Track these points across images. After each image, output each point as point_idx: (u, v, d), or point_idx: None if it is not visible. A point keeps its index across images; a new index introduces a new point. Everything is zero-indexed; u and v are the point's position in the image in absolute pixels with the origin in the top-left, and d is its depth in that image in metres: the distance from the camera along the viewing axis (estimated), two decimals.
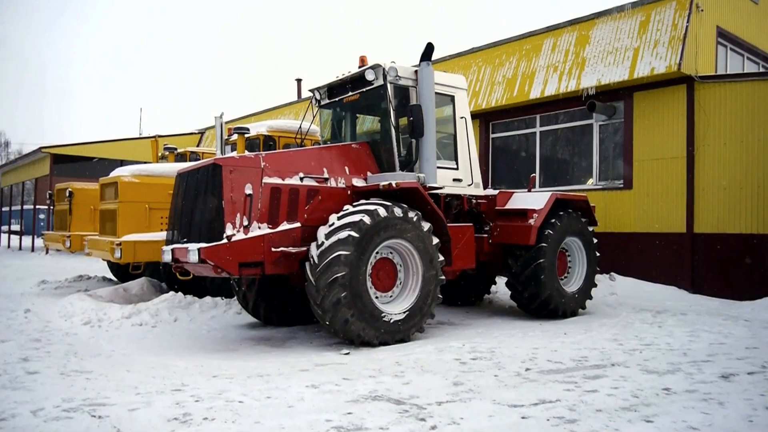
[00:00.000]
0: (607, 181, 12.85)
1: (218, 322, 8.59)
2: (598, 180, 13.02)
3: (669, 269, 11.58)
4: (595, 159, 13.06)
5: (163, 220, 9.50)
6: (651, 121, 11.97)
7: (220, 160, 6.69)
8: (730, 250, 10.87)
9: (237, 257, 6.47)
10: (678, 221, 11.53)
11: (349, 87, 8.38)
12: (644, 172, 12.06)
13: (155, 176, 9.49)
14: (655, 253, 11.82)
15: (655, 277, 11.70)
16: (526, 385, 5.03)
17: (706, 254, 11.17)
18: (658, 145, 11.87)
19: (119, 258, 8.83)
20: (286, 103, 24.40)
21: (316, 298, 6.65)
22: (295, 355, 6.52)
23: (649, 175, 11.99)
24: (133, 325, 8.10)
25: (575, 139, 13.66)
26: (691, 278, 11.31)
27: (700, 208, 11.29)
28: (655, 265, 11.76)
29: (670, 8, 11.76)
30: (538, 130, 14.23)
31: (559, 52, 13.59)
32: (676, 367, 5.72)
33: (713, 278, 11.06)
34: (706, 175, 11.20)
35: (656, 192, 11.86)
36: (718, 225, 11.04)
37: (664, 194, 11.75)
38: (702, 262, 11.22)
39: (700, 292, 11.17)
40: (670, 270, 11.56)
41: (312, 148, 7.87)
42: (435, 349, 6.58)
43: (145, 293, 10.59)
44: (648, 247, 11.91)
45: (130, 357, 6.36)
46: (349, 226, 6.66)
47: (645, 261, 11.89)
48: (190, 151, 13.21)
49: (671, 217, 11.63)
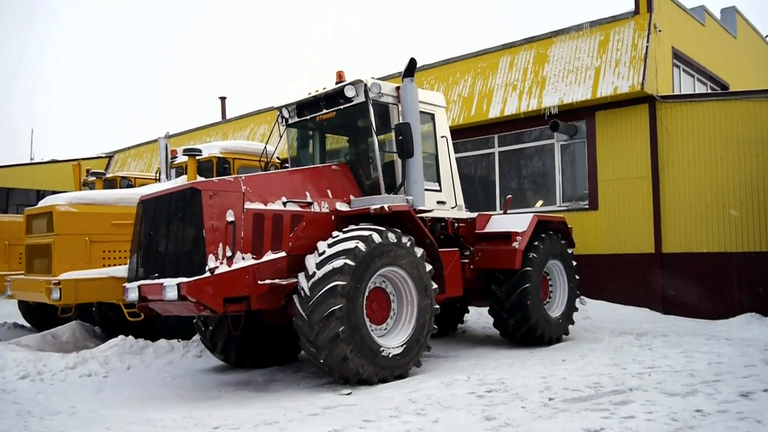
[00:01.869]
0: (572, 202, 13.45)
1: (178, 367, 8.21)
2: (562, 201, 13.59)
3: (639, 291, 12.20)
4: (558, 179, 13.65)
5: (106, 254, 9.02)
6: (614, 140, 12.70)
7: (198, 185, 6.49)
8: (699, 270, 11.61)
9: (221, 292, 6.26)
10: (646, 241, 12.21)
11: (324, 104, 8.37)
12: (609, 192, 12.73)
13: (96, 204, 9.00)
14: (623, 274, 12.43)
15: (625, 299, 12.29)
16: (561, 415, 5.14)
17: (675, 274, 11.87)
18: (622, 165, 12.58)
19: (58, 299, 8.27)
20: (209, 124, 23.90)
21: (308, 335, 6.51)
22: (289, 399, 6.33)
23: (614, 195, 12.66)
24: (81, 376, 7.59)
25: (535, 159, 14.23)
26: (662, 299, 11.97)
27: (667, 227, 12.02)
28: (624, 286, 12.36)
29: (629, 28, 12.62)
30: (496, 150, 14.72)
31: (517, 71, 14.20)
32: (693, 389, 6.03)
33: (683, 298, 11.75)
34: (672, 195, 11.97)
35: (622, 212, 12.53)
36: (686, 244, 11.79)
37: (630, 214, 12.43)
38: (671, 283, 11.91)
39: (670, 312, 11.83)
40: (640, 291, 12.18)
41: (292, 170, 7.78)
42: (440, 383, 6.59)
43: (77, 339, 9.97)
44: (616, 268, 12.51)
45: (97, 413, 5.96)
46: (344, 254, 6.61)
47: (614, 283, 12.47)
48: (120, 176, 12.67)
49: (639, 238, 12.30)
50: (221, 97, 26.01)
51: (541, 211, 13.06)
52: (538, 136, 13.96)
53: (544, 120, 13.30)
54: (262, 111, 21.03)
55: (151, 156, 25.16)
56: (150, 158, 25.11)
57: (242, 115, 22.24)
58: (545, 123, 13.28)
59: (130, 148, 26.88)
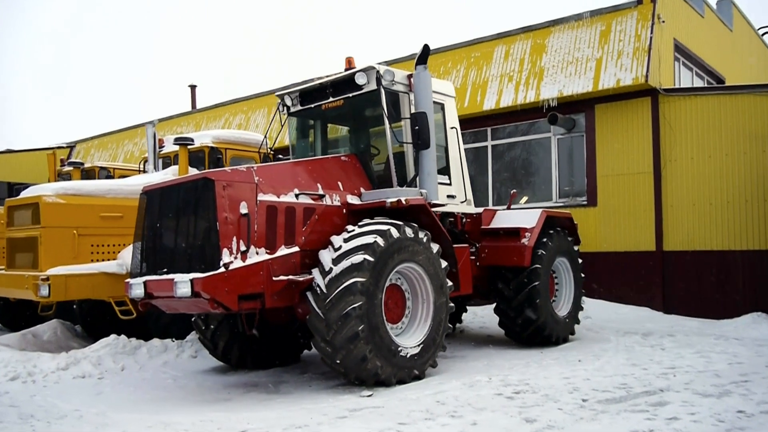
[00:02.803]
0: (569, 198, 13.58)
1: (175, 368, 8.06)
2: (559, 197, 13.72)
3: (639, 289, 12.39)
4: (555, 174, 13.77)
5: (95, 248, 8.78)
6: (615, 134, 12.85)
7: (211, 174, 6.34)
8: (701, 268, 11.84)
9: (236, 289, 6.14)
10: (647, 239, 12.41)
11: (330, 92, 8.27)
12: (609, 188, 12.89)
13: (84, 196, 8.75)
14: (623, 273, 12.61)
15: (625, 298, 12.48)
16: (603, 417, 5.18)
17: (677, 273, 12.09)
18: (623, 160, 12.75)
19: (46, 296, 8.03)
20: (179, 114, 23.45)
21: (325, 334, 6.44)
22: (307, 401, 6.25)
23: (614, 191, 12.83)
24: (74, 377, 7.42)
25: (531, 153, 14.32)
26: (663, 298, 12.18)
27: (669, 225, 12.23)
28: (624, 285, 12.54)
29: (632, 18, 12.78)
30: (489, 143, 14.78)
31: (513, 61, 14.27)
32: (725, 390, 6.14)
33: (685, 297, 11.98)
34: (675, 191, 12.18)
35: (623, 209, 12.70)
36: (689, 242, 12.01)
37: (631, 211, 12.61)
38: (673, 281, 12.12)
39: (672, 312, 12.05)
40: (641, 290, 12.38)
41: (302, 160, 7.67)
42: (462, 384, 6.59)
43: (60, 338, 9.78)
44: (616, 266, 12.68)
45: (106, 416, 5.80)
46: (362, 249, 6.54)
47: (613, 281, 12.65)
48: (99, 166, 12.36)
49: (639, 235, 12.49)
50: (191, 86, 25.64)
51: (530, 207, 13.14)
52: (534, 129, 14.05)
53: (540, 113, 13.40)
54: (239, 100, 20.76)
55: (116, 146, 24.63)
56: (115, 149, 24.58)
57: (216, 105, 21.89)
58: (541, 116, 13.37)
59: (93, 138, 26.25)
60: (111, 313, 9.88)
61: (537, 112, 13.52)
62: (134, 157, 23.49)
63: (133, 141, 23.98)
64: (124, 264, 8.62)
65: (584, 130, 13.30)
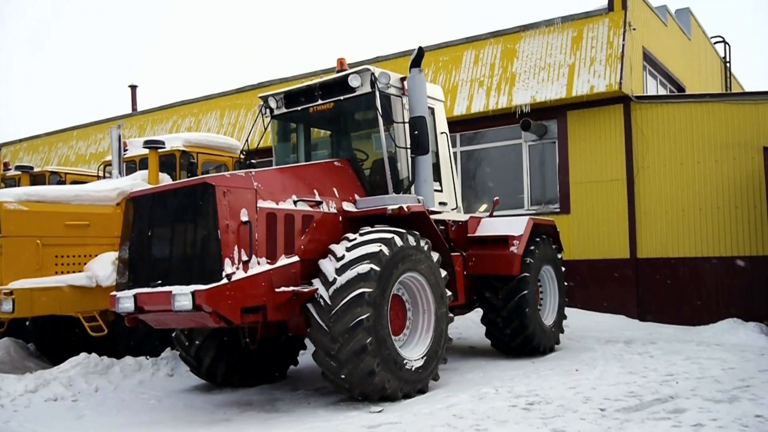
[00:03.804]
0: (540, 206, 13.89)
1: (153, 387, 7.80)
2: (530, 204, 14.02)
3: (614, 297, 12.78)
4: (526, 181, 14.06)
5: (59, 260, 8.41)
6: (587, 141, 13.24)
7: (211, 179, 6.20)
8: (675, 275, 12.31)
9: (239, 301, 6.01)
10: (620, 246, 12.82)
11: (319, 94, 8.21)
12: (582, 196, 13.26)
13: (48, 203, 8.38)
14: (597, 280, 12.98)
15: (600, 306, 12.84)
16: (629, 426, 5.32)
17: (651, 280, 12.53)
18: (595, 167, 13.14)
19: (10, 312, 7.63)
20: (119, 116, 22.72)
21: (329, 348, 6.36)
22: (316, 418, 6.17)
23: (587, 198, 13.20)
24: (46, 400, 7.07)
25: (501, 160, 14.57)
26: (637, 305, 12.60)
27: (642, 232, 12.67)
28: (598, 293, 12.91)
29: (603, 25, 13.22)
30: (459, 150, 14.96)
31: (484, 66, 14.52)
32: (732, 395, 6.41)
33: (660, 304, 12.43)
34: (648, 198, 12.64)
35: (596, 216, 13.09)
36: (662, 249, 12.47)
37: (604, 218, 13.00)
38: (647, 288, 12.56)
39: (646, 319, 12.47)
40: (615, 298, 12.77)
41: (297, 165, 7.60)
42: (472, 397, 6.64)
43: (14, 358, 9.34)
44: (590, 274, 13.04)
45: None
46: (367, 258, 6.52)
47: (587, 289, 12.99)
48: (50, 171, 11.87)
49: (613, 242, 12.89)
50: (131, 86, 24.86)
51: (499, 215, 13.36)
52: (505, 135, 14.31)
53: (512, 118, 13.66)
54: (189, 102, 20.33)
55: (49, 150, 23.73)
56: (48, 152, 23.67)
57: (162, 106, 21.35)
58: (513, 121, 13.63)
59: (21, 141, 25.16)
60: (69, 330, 9.53)
61: (509, 118, 13.76)
62: (70, 161, 22.67)
63: (68, 144, 23.16)
64: (94, 276, 8.34)
65: (556, 137, 13.64)
